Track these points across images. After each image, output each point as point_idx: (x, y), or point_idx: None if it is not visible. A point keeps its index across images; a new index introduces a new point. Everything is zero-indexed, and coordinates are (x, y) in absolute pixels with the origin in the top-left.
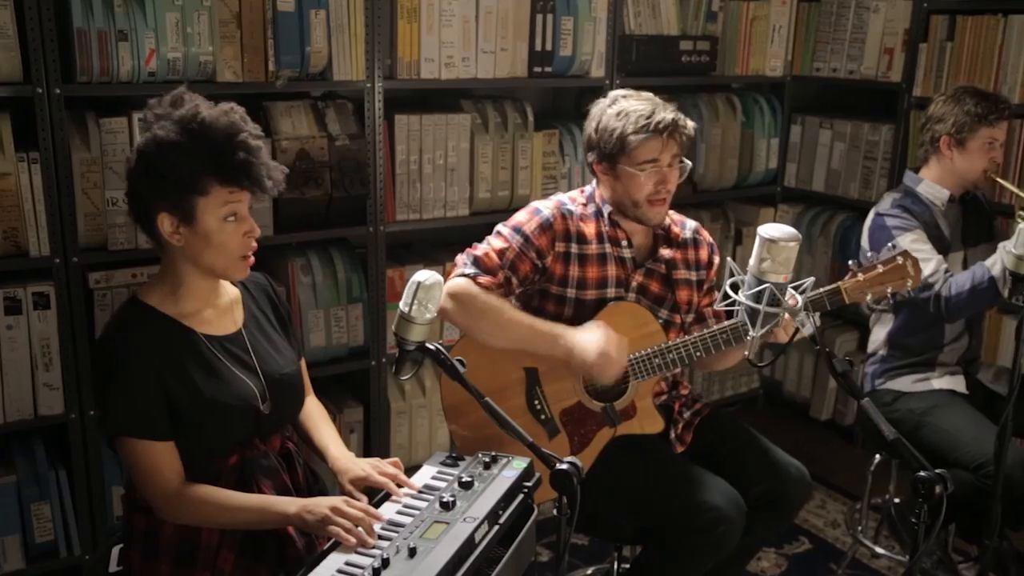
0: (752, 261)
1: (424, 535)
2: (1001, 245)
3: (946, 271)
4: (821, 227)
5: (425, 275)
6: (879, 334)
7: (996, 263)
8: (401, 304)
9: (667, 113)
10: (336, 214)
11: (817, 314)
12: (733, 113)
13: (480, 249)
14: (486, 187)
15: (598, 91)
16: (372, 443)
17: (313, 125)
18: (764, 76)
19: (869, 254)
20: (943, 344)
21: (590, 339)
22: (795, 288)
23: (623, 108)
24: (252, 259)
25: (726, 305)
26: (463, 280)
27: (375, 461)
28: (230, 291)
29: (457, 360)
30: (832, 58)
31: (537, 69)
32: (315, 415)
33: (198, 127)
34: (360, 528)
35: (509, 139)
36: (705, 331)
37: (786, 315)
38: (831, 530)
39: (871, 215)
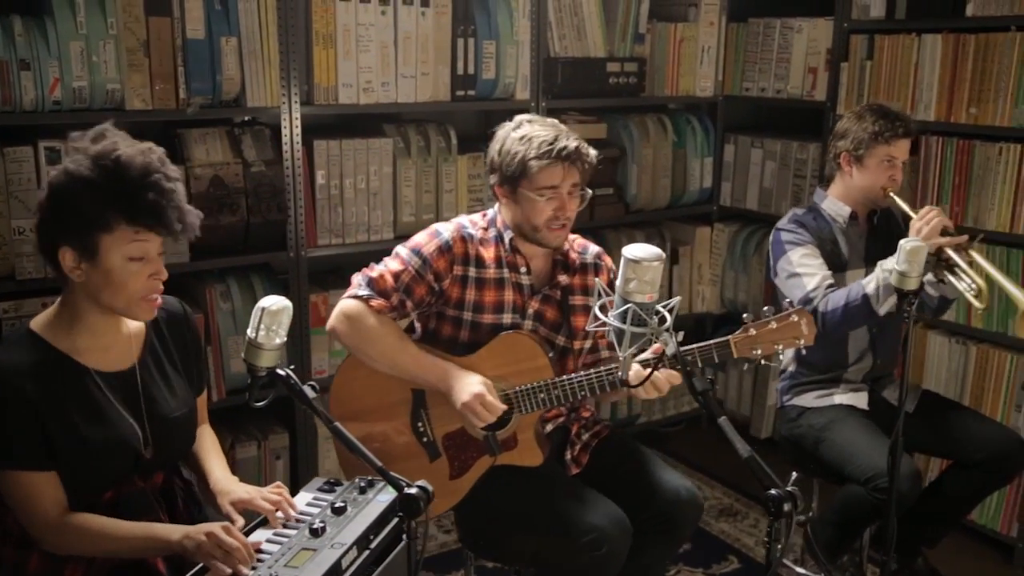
0: (618, 282)
1: (289, 563)
2: (880, 263)
3: (829, 287)
4: (755, 245)
5: (270, 300)
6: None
7: (871, 281)
8: (248, 331)
9: (570, 141)
10: (255, 240)
11: (680, 332)
12: (664, 133)
13: (376, 270)
14: (410, 211)
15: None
16: (299, 469)
17: (228, 151)
18: (695, 96)
19: (773, 269)
20: (847, 362)
21: (465, 387)
22: (663, 307)
23: (527, 133)
24: (159, 300)
25: (596, 326)
26: (354, 302)
27: (259, 488)
28: (131, 324)
29: (308, 385)
30: (760, 78)
31: (460, 93)
32: (206, 444)
33: (112, 164)
34: (235, 558)
35: (432, 163)
36: (592, 372)
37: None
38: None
39: (773, 230)
